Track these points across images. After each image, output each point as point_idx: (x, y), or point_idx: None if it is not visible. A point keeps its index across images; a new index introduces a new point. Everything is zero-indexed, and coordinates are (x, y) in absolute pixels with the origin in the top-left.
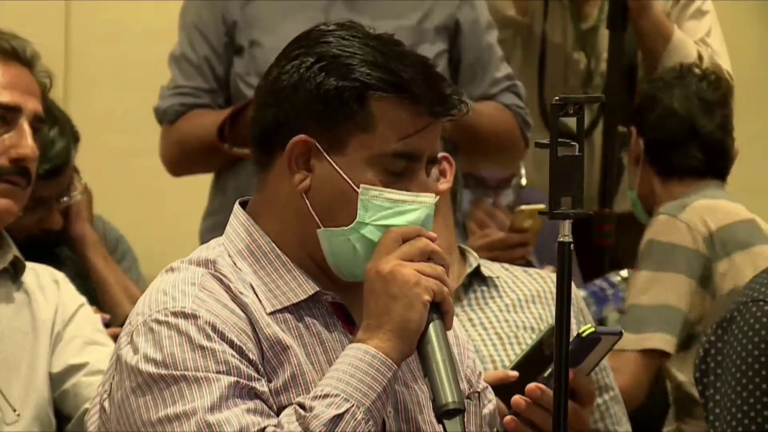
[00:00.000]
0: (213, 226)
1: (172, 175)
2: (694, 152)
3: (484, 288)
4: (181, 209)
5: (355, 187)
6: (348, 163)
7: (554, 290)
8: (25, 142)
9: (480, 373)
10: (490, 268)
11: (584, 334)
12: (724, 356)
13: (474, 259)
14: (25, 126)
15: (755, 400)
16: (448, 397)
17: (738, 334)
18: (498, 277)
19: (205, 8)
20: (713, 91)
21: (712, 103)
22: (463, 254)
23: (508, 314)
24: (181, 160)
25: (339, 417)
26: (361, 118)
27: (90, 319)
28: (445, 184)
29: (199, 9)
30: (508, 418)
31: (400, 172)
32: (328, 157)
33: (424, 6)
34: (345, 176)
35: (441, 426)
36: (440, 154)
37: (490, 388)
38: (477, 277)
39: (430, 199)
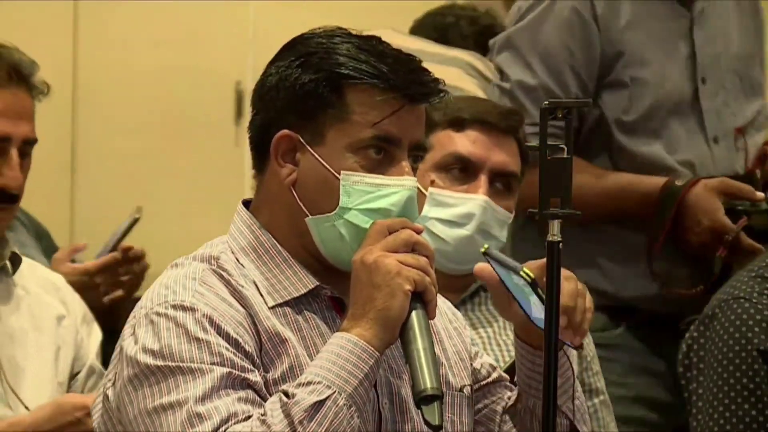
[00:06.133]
0: None
1: None
2: None
3: (489, 294)
4: (183, 210)
5: (336, 175)
6: (329, 153)
7: None
8: (9, 172)
9: (492, 365)
10: None
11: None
12: (706, 351)
13: None
14: (13, 154)
15: (736, 393)
16: (427, 383)
17: (719, 330)
18: None
19: (578, 44)
20: None
21: None
22: None
23: (508, 322)
24: None
25: (320, 403)
26: (337, 107)
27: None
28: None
29: (569, 44)
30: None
31: (380, 157)
32: (310, 149)
33: (760, 33)
34: (326, 165)
35: (419, 411)
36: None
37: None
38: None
39: (410, 182)
